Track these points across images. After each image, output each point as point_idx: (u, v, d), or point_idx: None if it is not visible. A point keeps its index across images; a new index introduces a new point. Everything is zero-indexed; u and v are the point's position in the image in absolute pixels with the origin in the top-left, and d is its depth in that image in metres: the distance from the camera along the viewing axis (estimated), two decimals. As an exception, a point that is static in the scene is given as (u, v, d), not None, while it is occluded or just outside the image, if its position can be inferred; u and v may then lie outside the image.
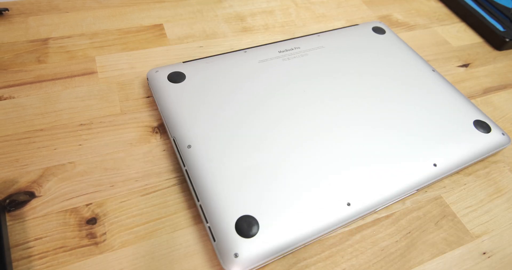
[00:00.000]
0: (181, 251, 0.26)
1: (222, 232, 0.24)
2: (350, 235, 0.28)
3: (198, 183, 0.27)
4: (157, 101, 0.33)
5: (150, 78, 0.34)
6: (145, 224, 0.27)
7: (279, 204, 0.26)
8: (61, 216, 0.26)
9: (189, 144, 0.29)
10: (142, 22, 0.43)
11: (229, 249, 0.24)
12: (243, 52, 0.38)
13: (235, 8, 0.47)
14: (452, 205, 0.31)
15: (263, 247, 0.24)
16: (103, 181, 0.29)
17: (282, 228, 0.25)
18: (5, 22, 0.40)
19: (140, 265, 0.25)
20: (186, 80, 0.34)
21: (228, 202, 0.26)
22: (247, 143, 0.29)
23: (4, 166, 0.29)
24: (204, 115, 0.31)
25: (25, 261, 0.24)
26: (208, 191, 0.26)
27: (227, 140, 0.29)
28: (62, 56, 0.37)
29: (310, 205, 0.27)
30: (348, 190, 0.28)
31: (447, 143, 0.32)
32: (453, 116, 0.35)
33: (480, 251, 0.29)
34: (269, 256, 0.24)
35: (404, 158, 0.31)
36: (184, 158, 0.29)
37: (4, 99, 0.33)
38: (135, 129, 0.32)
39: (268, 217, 0.25)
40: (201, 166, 0.28)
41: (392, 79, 0.38)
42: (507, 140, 0.35)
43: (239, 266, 0.24)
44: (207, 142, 0.29)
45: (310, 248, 0.27)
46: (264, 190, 0.27)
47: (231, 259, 0.24)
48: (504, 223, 0.31)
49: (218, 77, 0.35)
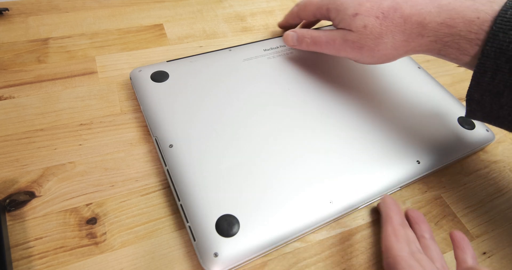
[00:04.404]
0: (181, 251, 0.26)
1: (202, 231, 0.24)
2: (350, 235, 0.28)
3: (179, 183, 0.27)
4: (139, 101, 0.32)
5: (133, 78, 0.34)
6: (145, 224, 0.27)
7: (260, 203, 0.26)
8: (61, 216, 0.26)
9: (171, 144, 0.29)
10: (142, 22, 0.43)
11: (209, 248, 0.24)
12: (228, 50, 0.37)
13: (235, 8, 0.47)
14: (452, 205, 0.31)
15: (243, 247, 0.24)
16: (103, 181, 0.29)
17: (263, 227, 0.25)
18: (5, 22, 0.40)
19: (140, 265, 0.25)
20: (169, 80, 0.33)
21: (209, 201, 0.26)
22: (229, 143, 0.29)
23: (4, 166, 0.29)
24: (186, 114, 0.31)
25: (25, 261, 0.24)
26: (189, 191, 0.26)
27: (208, 140, 0.29)
28: (62, 56, 0.37)
29: (292, 204, 0.27)
30: (330, 188, 0.28)
31: (431, 140, 0.32)
32: (438, 113, 0.35)
33: (480, 251, 0.29)
34: (249, 255, 0.24)
35: (386, 155, 0.31)
36: (165, 157, 0.28)
37: (4, 99, 0.33)
38: (135, 129, 0.32)
39: (249, 216, 0.25)
40: (182, 165, 0.28)
41: (377, 75, 0.38)
42: (491, 137, 0.35)
43: (218, 266, 0.23)
44: (188, 141, 0.29)
45: (310, 248, 0.27)
46: (245, 189, 0.27)
47: (210, 259, 0.23)
48: (504, 223, 0.31)
49: (201, 76, 0.34)
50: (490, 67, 0.24)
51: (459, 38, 0.25)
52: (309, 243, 0.27)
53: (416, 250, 0.24)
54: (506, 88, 0.23)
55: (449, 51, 0.26)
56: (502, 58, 0.23)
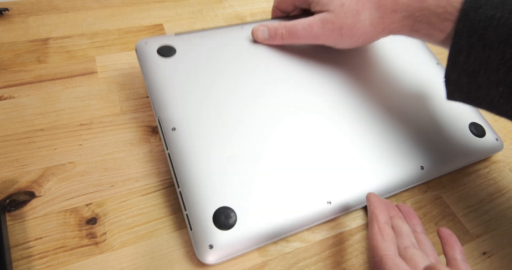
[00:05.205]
0: (181, 251, 0.26)
1: (200, 222, 0.24)
2: (350, 235, 0.28)
3: (179, 169, 0.26)
4: (144, 76, 0.30)
5: (139, 50, 0.32)
6: (145, 224, 0.27)
7: (259, 197, 0.26)
8: (61, 216, 0.26)
9: (174, 127, 0.27)
10: (142, 22, 0.43)
11: (205, 240, 0.24)
12: (240, 27, 0.34)
13: (235, 8, 0.47)
14: (452, 205, 0.31)
15: (239, 240, 0.24)
16: (103, 181, 0.29)
17: (259, 222, 0.25)
18: (5, 22, 0.40)
19: (140, 265, 0.25)
20: (176, 55, 0.31)
21: (209, 191, 0.25)
22: (234, 131, 0.28)
23: (4, 166, 0.29)
24: (192, 95, 0.29)
25: (25, 261, 0.24)
26: (189, 178, 0.25)
27: (213, 126, 0.28)
28: (62, 56, 0.37)
29: (290, 201, 0.26)
30: (329, 187, 0.27)
31: (438, 146, 0.31)
32: (450, 116, 0.34)
33: (480, 251, 0.29)
34: (244, 249, 0.25)
35: (390, 157, 0.30)
36: (167, 141, 0.27)
37: (4, 99, 0.33)
38: (135, 129, 0.32)
39: (247, 210, 0.25)
40: (184, 151, 0.26)
41: (393, 68, 0.36)
42: (500, 146, 0.34)
43: (213, 257, 0.24)
44: (193, 126, 0.27)
45: (310, 248, 0.27)
46: (245, 182, 0.26)
47: (206, 250, 0.24)
48: (504, 223, 0.31)
49: (210, 54, 0.32)
50: (464, 46, 0.24)
51: (428, 13, 0.26)
52: (309, 243, 0.27)
53: (410, 244, 0.24)
54: (482, 67, 0.23)
55: (420, 26, 0.27)
56: (474, 37, 0.23)
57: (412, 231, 0.26)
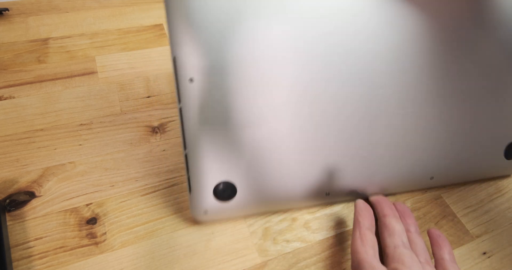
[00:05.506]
0: (181, 251, 0.26)
1: (200, 187, 0.25)
2: (350, 235, 0.28)
3: (189, 129, 0.23)
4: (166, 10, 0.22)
5: None
6: (145, 224, 0.27)
7: (262, 175, 0.25)
8: (61, 216, 0.27)
9: (191, 77, 0.22)
10: (142, 22, 0.43)
11: (201, 204, 0.25)
12: None
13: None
14: (452, 205, 0.31)
15: (233, 212, 0.26)
16: (103, 181, 0.29)
17: (257, 200, 0.26)
18: (5, 22, 0.40)
19: (140, 265, 0.25)
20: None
21: (215, 161, 0.23)
22: (257, 97, 0.23)
23: (4, 166, 0.29)
24: (224, 42, 0.22)
25: (25, 261, 0.24)
26: (197, 142, 0.23)
27: (237, 85, 0.23)
28: (62, 56, 0.37)
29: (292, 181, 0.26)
30: (328, 182, 0.27)
31: (459, 157, 0.29)
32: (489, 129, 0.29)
33: (480, 251, 0.29)
34: (236, 218, 0.27)
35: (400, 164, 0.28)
36: (181, 93, 0.22)
37: (4, 99, 0.33)
38: (135, 129, 0.32)
39: (248, 187, 0.25)
40: (197, 110, 0.22)
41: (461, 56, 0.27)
42: None
43: (206, 219, 0.26)
44: (214, 81, 0.22)
45: (310, 248, 0.27)
46: (252, 157, 0.24)
47: (200, 214, 0.26)
48: (504, 223, 0.31)
49: None
50: None
51: None
52: (309, 243, 0.27)
53: (401, 244, 0.24)
54: None
55: None
56: None
57: (405, 231, 0.26)
